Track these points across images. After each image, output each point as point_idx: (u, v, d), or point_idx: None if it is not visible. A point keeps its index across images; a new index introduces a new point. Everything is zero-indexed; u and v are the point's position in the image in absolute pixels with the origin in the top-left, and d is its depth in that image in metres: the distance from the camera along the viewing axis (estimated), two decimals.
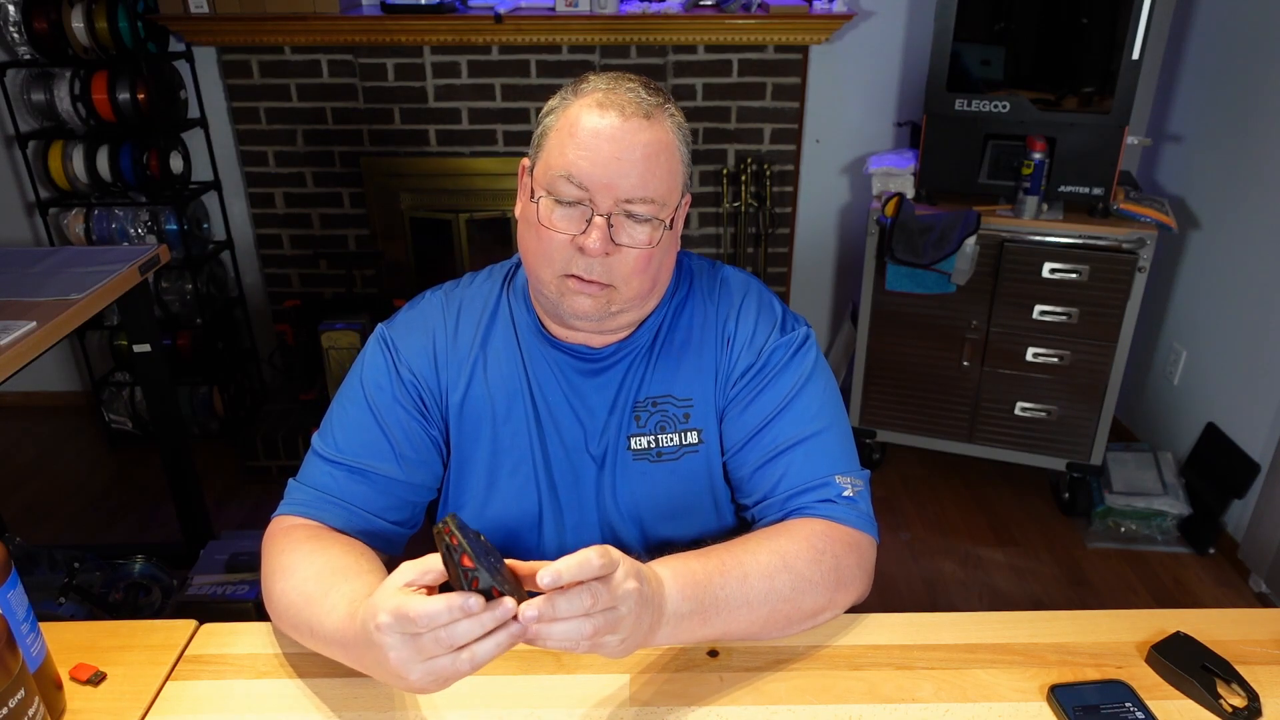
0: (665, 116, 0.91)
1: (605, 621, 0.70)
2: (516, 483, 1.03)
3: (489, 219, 3.07)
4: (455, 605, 0.66)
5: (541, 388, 1.02)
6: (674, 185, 0.93)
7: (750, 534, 0.92)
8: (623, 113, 0.88)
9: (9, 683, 0.72)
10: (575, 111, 0.90)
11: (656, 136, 0.89)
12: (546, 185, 0.90)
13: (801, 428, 0.98)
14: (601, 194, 0.88)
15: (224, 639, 0.94)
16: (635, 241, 0.91)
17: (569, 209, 0.89)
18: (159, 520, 2.63)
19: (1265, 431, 2.32)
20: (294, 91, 2.86)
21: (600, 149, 0.88)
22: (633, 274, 0.92)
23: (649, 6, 2.73)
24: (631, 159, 0.88)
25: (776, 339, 1.01)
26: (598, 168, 0.88)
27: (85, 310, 1.76)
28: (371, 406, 1.00)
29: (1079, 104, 2.43)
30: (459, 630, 0.67)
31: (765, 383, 1.00)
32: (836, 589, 0.91)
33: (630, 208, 0.89)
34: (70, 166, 2.79)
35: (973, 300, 2.51)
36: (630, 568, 0.73)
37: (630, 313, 0.97)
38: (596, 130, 0.88)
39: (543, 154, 0.92)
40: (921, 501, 2.72)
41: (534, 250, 0.93)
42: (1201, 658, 0.87)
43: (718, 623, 0.84)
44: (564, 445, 1.02)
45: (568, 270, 0.91)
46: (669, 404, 1.02)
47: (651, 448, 1.02)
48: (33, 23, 2.64)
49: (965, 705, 0.84)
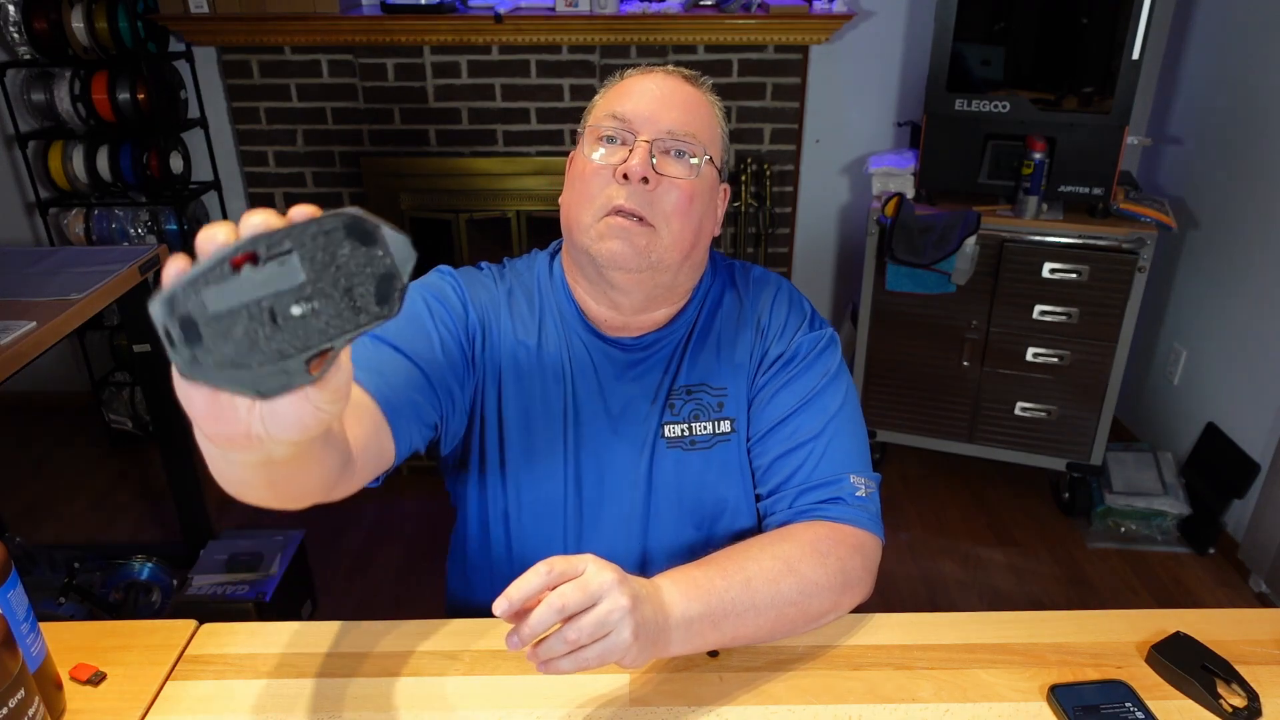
0: (706, 89, 0.99)
1: (593, 622, 0.69)
2: (547, 465, 1.02)
3: (489, 219, 3.07)
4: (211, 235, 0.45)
5: (581, 375, 1.02)
6: (715, 139, 0.97)
7: (750, 539, 0.92)
8: (667, 72, 0.97)
9: (9, 683, 0.72)
10: (620, 81, 0.98)
11: (698, 95, 0.97)
12: (593, 125, 0.96)
13: (823, 423, 0.99)
14: (645, 124, 0.93)
15: (224, 639, 0.94)
16: (677, 173, 0.93)
17: (613, 148, 0.94)
18: (159, 520, 2.64)
19: (1265, 431, 2.32)
20: (294, 91, 2.86)
21: (645, 92, 0.95)
22: (673, 213, 0.93)
23: (649, 6, 2.73)
24: (675, 99, 0.94)
25: (806, 332, 1.03)
26: (643, 102, 0.94)
27: (85, 310, 1.76)
28: (427, 306, 0.96)
29: (1079, 104, 2.43)
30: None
31: (793, 375, 1.01)
32: (842, 591, 0.91)
33: (673, 140, 0.93)
34: (70, 166, 2.79)
35: (973, 300, 2.51)
36: (602, 564, 0.72)
37: (668, 272, 0.96)
38: (641, 82, 0.96)
39: (590, 118, 0.98)
40: (921, 501, 2.72)
41: (576, 197, 0.95)
42: (1201, 658, 0.87)
43: (727, 627, 0.83)
44: (598, 434, 1.02)
45: (609, 204, 0.92)
46: (704, 392, 1.02)
47: (685, 435, 1.02)
48: (33, 23, 2.64)
49: (965, 705, 0.84)
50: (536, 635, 0.69)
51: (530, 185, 2.98)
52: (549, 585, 0.69)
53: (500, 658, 0.90)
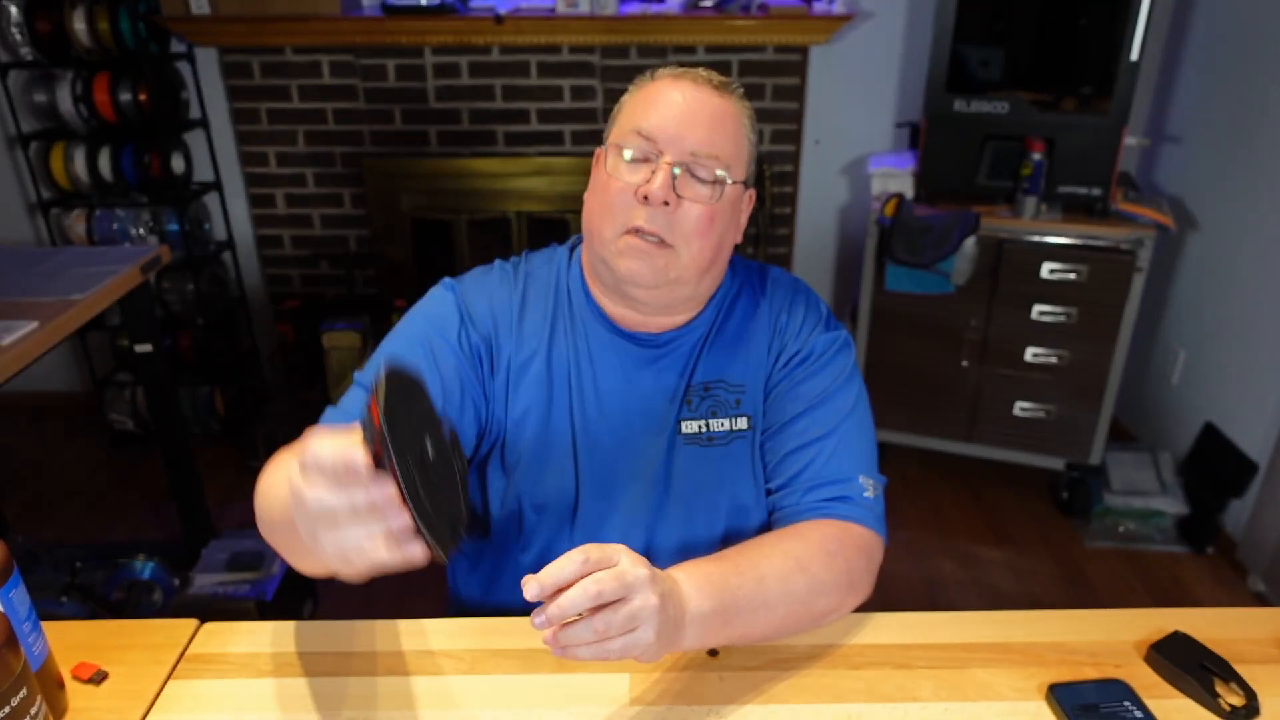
0: (736, 97, 0.97)
1: (626, 616, 0.69)
2: (557, 463, 1.02)
3: (489, 219, 3.07)
4: (340, 448, 0.58)
5: (597, 371, 1.02)
6: (740, 153, 0.96)
7: (762, 537, 0.92)
8: (696, 81, 0.94)
9: (11, 682, 0.73)
10: (649, 87, 0.96)
11: (727, 106, 0.95)
12: (617, 141, 0.94)
13: (835, 422, 1.00)
14: (670, 145, 0.92)
15: (225, 638, 0.94)
16: (698, 196, 0.92)
17: (636, 164, 0.92)
18: (160, 520, 2.64)
19: (1263, 431, 2.32)
20: (295, 92, 2.86)
21: (671, 106, 0.93)
22: (693, 234, 0.93)
23: (649, 7, 2.73)
24: (701, 116, 0.92)
25: (822, 332, 1.04)
26: (669, 121, 0.92)
27: (87, 310, 1.76)
28: (422, 337, 0.98)
29: (1078, 105, 2.43)
30: (317, 491, 0.60)
31: (808, 373, 1.02)
32: (848, 591, 0.92)
33: (696, 162, 0.92)
34: (72, 167, 2.80)
35: (972, 300, 2.51)
36: (636, 558, 0.72)
37: (687, 286, 0.97)
38: (669, 94, 0.93)
39: (616, 125, 0.97)
40: (921, 501, 2.73)
41: (598, 208, 0.95)
42: (1200, 657, 0.87)
43: (738, 624, 0.84)
44: (612, 430, 1.02)
45: (629, 224, 0.92)
46: (721, 389, 1.03)
47: (702, 432, 1.03)
48: (35, 24, 2.64)
49: (964, 704, 0.85)
50: (566, 618, 0.68)
51: (530, 186, 2.99)
52: (582, 574, 0.69)
53: (501, 657, 0.91)
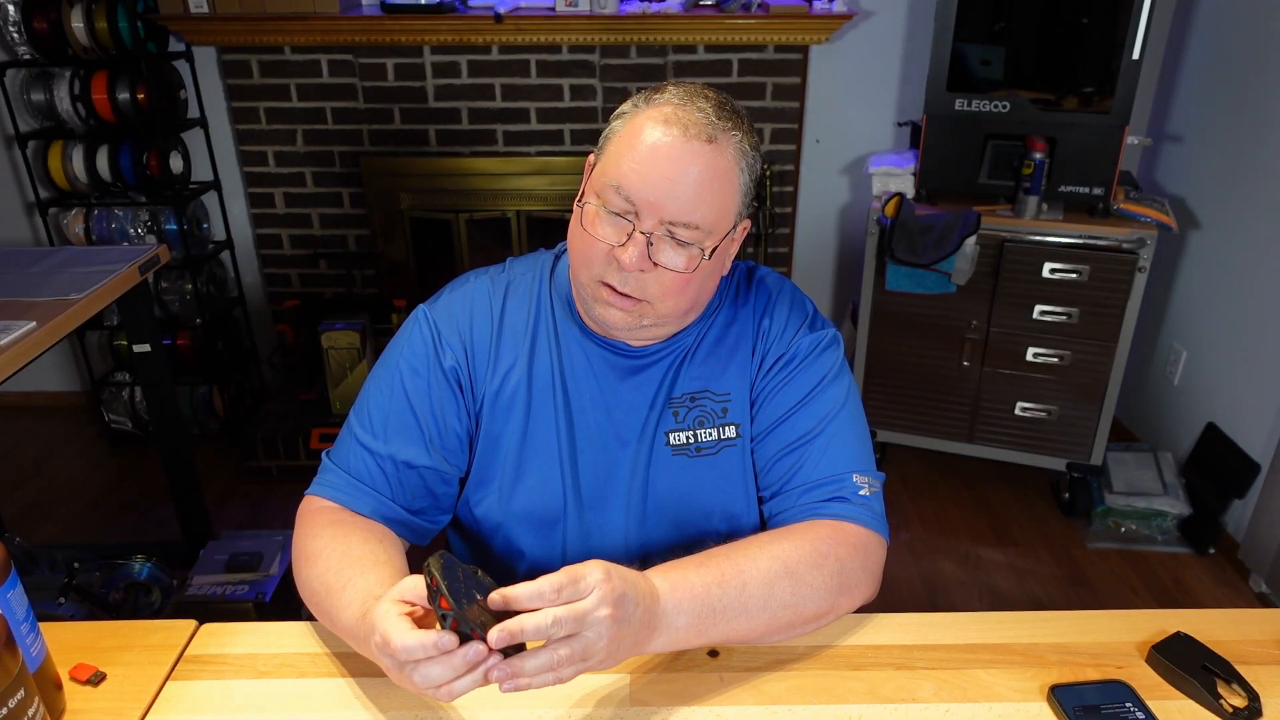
0: (730, 142, 0.90)
1: (571, 651, 0.70)
2: (541, 475, 1.02)
3: (489, 219, 3.07)
4: (429, 643, 0.69)
5: (578, 381, 1.02)
6: (725, 213, 0.91)
7: (754, 537, 0.92)
8: (686, 132, 0.87)
9: (9, 683, 0.72)
10: (640, 122, 0.89)
11: (715, 162, 0.88)
12: (598, 190, 0.91)
13: (822, 422, 0.99)
14: (647, 211, 0.88)
15: (224, 639, 0.94)
16: (673, 264, 0.90)
17: (614, 219, 0.89)
18: (159, 520, 2.63)
19: (1265, 431, 2.32)
20: (294, 91, 2.86)
21: (655, 165, 0.87)
22: (666, 294, 0.92)
23: (649, 6, 2.73)
24: (684, 180, 0.87)
25: (805, 333, 1.03)
26: (648, 184, 0.87)
27: (85, 310, 1.76)
28: (406, 388, 1.00)
29: (1079, 104, 2.43)
30: (432, 672, 0.70)
31: (792, 374, 1.01)
32: (839, 594, 0.91)
33: (674, 230, 0.89)
34: (70, 166, 2.79)
35: (973, 300, 2.51)
36: (608, 592, 0.72)
37: (667, 327, 0.98)
38: (655, 146, 0.87)
39: (603, 157, 0.92)
40: (921, 501, 2.72)
41: (577, 250, 0.94)
42: (1202, 658, 0.87)
43: (715, 632, 0.84)
44: (595, 440, 1.02)
45: (603, 278, 0.92)
46: (707, 399, 1.02)
47: (690, 443, 1.02)
48: (32, 22, 2.64)
49: (965, 705, 0.84)
50: (515, 642, 0.70)
51: (530, 185, 2.98)
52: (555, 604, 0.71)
53: None
